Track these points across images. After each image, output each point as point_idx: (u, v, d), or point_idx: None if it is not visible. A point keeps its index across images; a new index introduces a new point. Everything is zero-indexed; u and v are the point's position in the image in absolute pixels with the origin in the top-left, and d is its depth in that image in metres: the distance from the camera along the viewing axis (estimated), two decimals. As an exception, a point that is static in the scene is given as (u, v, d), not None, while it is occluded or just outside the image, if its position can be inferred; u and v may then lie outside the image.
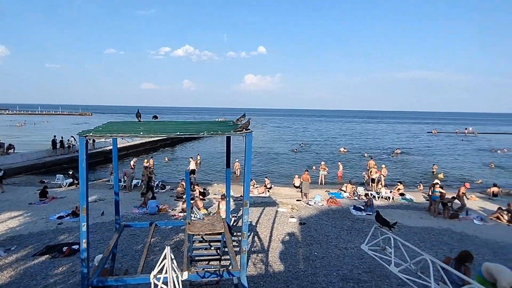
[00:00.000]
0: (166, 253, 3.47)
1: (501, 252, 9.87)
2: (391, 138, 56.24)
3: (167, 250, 3.50)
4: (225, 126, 5.27)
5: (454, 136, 60.05)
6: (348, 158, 32.25)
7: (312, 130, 72.19)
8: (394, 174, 24.34)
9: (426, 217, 13.62)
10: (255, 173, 23.66)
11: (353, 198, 16.75)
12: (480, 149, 40.86)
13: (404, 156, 34.28)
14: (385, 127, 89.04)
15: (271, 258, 9.05)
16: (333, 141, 48.28)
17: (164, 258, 3.51)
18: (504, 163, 30.66)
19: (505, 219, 12.84)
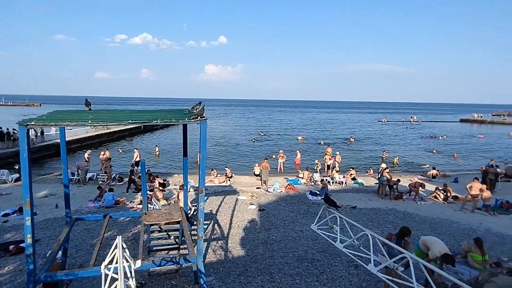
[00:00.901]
0: (117, 242, 3.37)
1: (436, 227, 10.85)
2: (346, 127, 58.71)
3: (118, 240, 3.41)
4: (180, 114, 5.17)
5: (401, 124, 64.17)
6: (306, 146, 33.20)
7: (273, 120, 73.00)
8: (348, 160, 25.53)
9: (374, 199, 14.53)
10: (216, 163, 23.57)
11: (309, 184, 17.35)
12: (423, 136, 44.10)
13: (357, 143, 36.03)
14: (341, 117, 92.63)
15: (231, 244, 9.14)
16: (292, 131, 49.27)
17: (116, 248, 3.41)
18: (443, 148, 33.39)
19: (441, 198, 14.10)
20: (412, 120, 69.56)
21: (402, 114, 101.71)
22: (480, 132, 49.10)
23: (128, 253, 3.62)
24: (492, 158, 20.81)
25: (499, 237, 9.97)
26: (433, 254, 6.39)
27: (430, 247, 6.50)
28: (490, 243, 9.47)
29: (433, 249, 6.40)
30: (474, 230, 10.58)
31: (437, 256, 6.34)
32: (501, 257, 8.42)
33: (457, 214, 12.28)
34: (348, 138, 37.97)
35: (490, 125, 62.38)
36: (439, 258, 6.36)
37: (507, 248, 9.16)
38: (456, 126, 61.61)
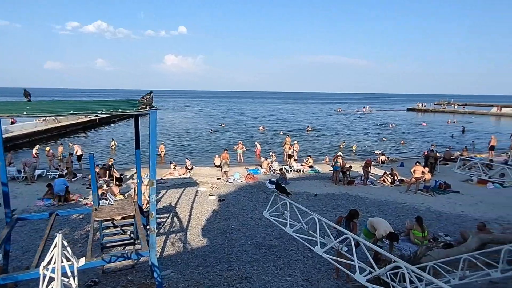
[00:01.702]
0: (56, 241, 3.11)
1: (384, 208, 11.54)
2: (305, 117, 60.04)
3: (58, 238, 3.15)
4: (127, 104, 4.89)
5: (355, 113, 67.11)
6: (267, 136, 33.53)
7: (235, 112, 72.45)
8: (306, 149, 26.22)
9: (329, 185, 15.09)
10: (176, 155, 23.00)
11: (269, 173, 17.56)
12: (374, 124, 46.49)
13: (314, 132, 37.08)
14: (301, 107, 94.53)
15: (190, 235, 9.01)
16: (254, 121, 49.37)
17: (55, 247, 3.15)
18: (391, 136, 35.44)
19: (389, 181, 15.01)
20: (364, 110, 72.97)
21: (356, 104, 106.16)
22: (423, 120, 52.70)
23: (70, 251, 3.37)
24: (432, 144, 22.50)
25: (437, 214, 10.85)
26: (379, 233, 6.78)
27: (376, 227, 6.88)
28: (429, 220, 10.29)
29: (379, 228, 6.78)
30: (416, 209, 11.40)
31: (383, 235, 6.73)
32: (438, 232, 9.19)
33: (402, 196, 13.16)
34: (306, 128, 38.85)
35: (432, 114, 67.22)
36: (384, 237, 6.76)
37: (443, 224, 10.01)
38: (404, 115, 65.71)
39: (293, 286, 6.48)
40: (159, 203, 11.69)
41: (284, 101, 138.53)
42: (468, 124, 43.75)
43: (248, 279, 6.73)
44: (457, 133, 35.86)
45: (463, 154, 20.10)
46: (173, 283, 6.67)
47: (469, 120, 51.28)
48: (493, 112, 63.44)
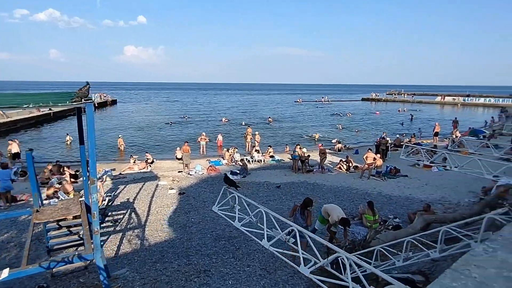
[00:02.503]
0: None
1: (340, 194, 11.85)
2: (268, 107, 60.28)
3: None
4: (60, 97, 4.37)
5: (314, 103, 68.68)
6: (229, 127, 33.19)
7: (199, 103, 70.78)
8: (268, 139, 26.34)
9: (289, 174, 15.23)
10: (136, 149, 21.98)
11: (231, 164, 17.36)
12: (332, 113, 47.83)
13: (276, 122, 37.34)
14: (264, 98, 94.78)
15: (148, 231, 8.60)
16: (217, 113, 48.60)
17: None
18: (348, 124, 36.68)
19: (344, 168, 15.47)
20: (323, 100, 74.88)
21: (316, 95, 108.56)
22: (377, 109, 55.32)
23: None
24: (383, 132, 23.60)
25: (387, 198, 11.35)
26: (332, 219, 6.89)
27: (330, 214, 7.00)
28: (381, 204, 10.73)
29: (332, 214, 6.90)
30: (369, 194, 11.84)
31: (336, 220, 6.85)
32: (388, 215, 9.60)
33: (356, 182, 13.62)
34: (267, 118, 38.96)
35: (385, 103, 70.65)
36: (337, 222, 6.89)
37: (393, 207, 10.49)
38: (359, 104, 68.40)
39: (251, 276, 6.40)
40: (116, 200, 11.06)
41: (248, 93, 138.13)
42: (416, 112, 46.51)
43: (206, 272, 6.54)
44: (406, 121, 37.98)
45: (411, 140, 21.32)
46: (128, 282, 6.30)
47: (417, 109, 54.55)
48: (438, 101, 68.15)
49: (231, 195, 4.88)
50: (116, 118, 39.63)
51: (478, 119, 39.42)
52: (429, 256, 4.12)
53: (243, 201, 4.65)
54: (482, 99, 63.76)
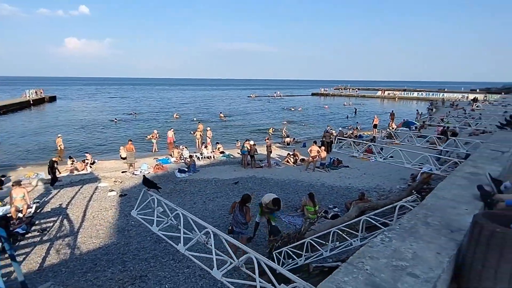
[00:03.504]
0: None
1: (286, 187, 12.05)
2: (222, 103, 59.65)
3: None
4: None
5: (267, 98, 69.57)
6: (180, 123, 32.20)
7: (151, 99, 67.42)
8: (221, 135, 26.07)
9: (238, 169, 15.16)
10: (76, 149, 20.28)
11: (180, 162, 16.80)
12: (284, 108, 48.74)
13: (230, 118, 37.09)
14: (218, 94, 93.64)
15: (81, 239, 7.92)
16: (170, 109, 46.80)
17: None
18: (299, 118, 37.63)
19: (292, 161, 15.81)
20: (275, 95, 76.11)
21: (269, 89, 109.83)
22: (325, 103, 57.62)
23: None
24: (328, 125, 24.60)
25: (329, 189, 11.79)
26: (264, 201, 7.19)
27: (264, 199, 7.20)
28: (323, 194, 11.12)
29: (265, 199, 7.13)
30: (313, 185, 12.20)
31: (267, 202, 7.10)
32: (328, 205, 9.96)
33: (302, 174, 13.97)
34: (219, 114, 38.51)
35: (333, 98, 73.81)
36: (270, 205, 7.10)
37: (334, 197, 10.92)
38: (309, 99, 70.70)
39: (190, 277, 6.20)
40: (47, 206, 10.05)
41: (204, 88, 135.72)
42: (360, 106, 49.24)
43: (142, 278, 6.19)
44: (351, 114, 40.04)
45: (353, 132, 22.50)
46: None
47: (361, 102, 57.87)
48: (379, 95, 73.00)
49: (150, 198, 4.59)
50: (54, 116, 36.20)
51: (413, 111, 42.90)
52: (352, 244, 4.27)
53: (163, 204, 4.39)
54: (416, 93, 69.56)
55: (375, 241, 2.32)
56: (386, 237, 2.38)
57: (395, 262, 2.05)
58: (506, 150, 5.51)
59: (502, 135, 7.32)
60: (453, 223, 2.60)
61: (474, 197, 3.22)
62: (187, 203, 10.57)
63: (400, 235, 2.40)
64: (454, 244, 2.26)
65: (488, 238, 1.95)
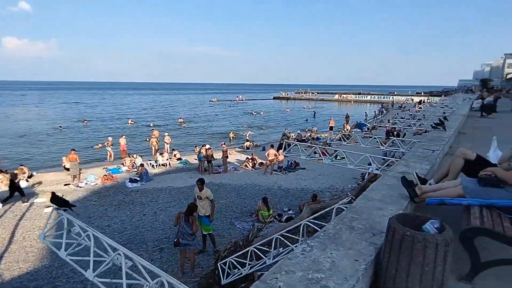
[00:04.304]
0: None
1: (243, 192, 11.88)
2: (181, 107, 58.26)
3: None
4: None
5: (229, 103, 69.34)
6: (136, 130, 30.83)
7: (105, 104, 64.06)
8: (181, 140, 25.34)
9: (195, 176, 14.65)
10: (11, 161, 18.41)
11: (132, 171, 15.96)
12: (246, 112, 48.78)
13: (188, 123, 36.25)
14: (177, 98, 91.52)
15: (5, 264, 7.06)
16: (125, 115, 44.49)
17: None
18: (259, 122, 37.79)
19: (250, 166, 15.70)
20: (238, 99, 76.12)
21: (231, 94, 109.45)
22: (287, 107, 58.59)
23: None
24: (286, 128, 24.96)
25: (285, 191, 11.82)
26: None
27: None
28: (279, 197, 11.12)
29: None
30: (270, 189, 12.16)
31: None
32: (283, 208, 9.94)
33: (260, 178, 13.89)
34: (178, 119, 37.53)
35: (294, 101, 75.56)
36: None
37: (289, 199, 10.95)
38: (271, 103, 71.60)
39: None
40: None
41: (164, 92, 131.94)
42: (318, 109, 50.85)
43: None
44: (310, 117, 41.11)
45: (311, 135, 23.02)
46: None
47: (320, 106, 59.80)
48: (336, 98, 76.01)
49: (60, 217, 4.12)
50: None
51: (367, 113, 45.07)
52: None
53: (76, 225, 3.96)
54: (369, 96, 73.52)
55: (296, 252, 2.19)
56: (308, 246, 2.27)
57: (311, 274, 1.93)
58: (436, 148, 5.83)
59: (435, 134, 7.80)
60: (376, 226, 2.56)
61: (401, 197, 3.25)
62: (136, 215, 9.97)
63: (322, 243, 2.30)
64: (373, 249, 2.20)
65: (400, 241, 1.91)
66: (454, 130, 8.71)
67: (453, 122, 10.53)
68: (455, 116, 12.78)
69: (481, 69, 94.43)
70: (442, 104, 23.89)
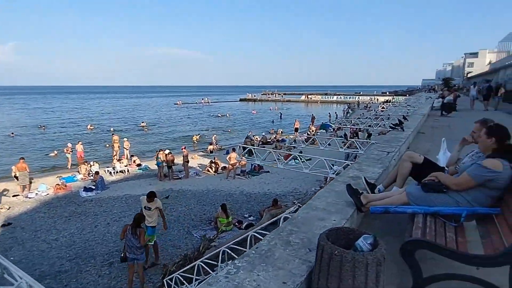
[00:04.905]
0: None
1: (203, 198, 11.47)
2: (145, 111, 56.23)
3: None
4: None
5: (195, 105, 68.07)
6: (95, 135, 29.18)
7: (65, 110, 59.80)
8: (143, 145, 24.32)
9: (154, 182, 14.09)
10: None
11: (88, 179, 14.95)
12: (212, 115, 47.98)
13: (152, 127, 34.98)
14: (141, 101, 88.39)
15: None
16: (86, 120, 41.93)
17: None
18: (225, 124, 37.12)
19: (213, 170, 15.30)
20: (204, 102, 74.93)
21: (197, 96, 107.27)
22: (253, 108, 58.55)
23: None
24: (250, 130, 24.76)
25: (247, 196, 11.59)
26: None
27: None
28: (240, 203, 10.87)
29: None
30: (232, 194, 11.87)
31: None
32: (244, 214, 9.71)
33: (222, 183, 13.53)
34: (141, 123, 36.09)
35: (260, 103, 75.63)
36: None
37: (251, 204, 10.74)
38: (237, 105, 71.18)
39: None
40: None
41: (127, 96, 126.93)
42: (285, 110, 51.27)
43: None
44: (276, 119, 41.26)
45: (276, 137, 23.08)
46: None
47: (286, 107, 60.40)
48: (303, 99, 77.41)
49: None
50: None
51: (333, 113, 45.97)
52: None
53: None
54: (335, 97, 75.66)
55: (219, 276, 1.96)
56: (235, 267, 2.04)
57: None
58: (391, 150, 5.85)
59: (392, 135, 7.90)
60: (314, 240, 2.38)
61: (347, 204, 3.11)
62: (88, 227, 9.27)
63: (251, 262, 2.08)
64: (306, 268, 2.01)
65: (328, 261, 1.74)
66: (412, 130, 8.71)
67: (413, 122, 10.53)
68: (415, 116, 12.71)
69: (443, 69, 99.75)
70: (406, 103, 24.84)
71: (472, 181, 2.44)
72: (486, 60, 58.58)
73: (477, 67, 62.49)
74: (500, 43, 45.21)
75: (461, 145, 3.18)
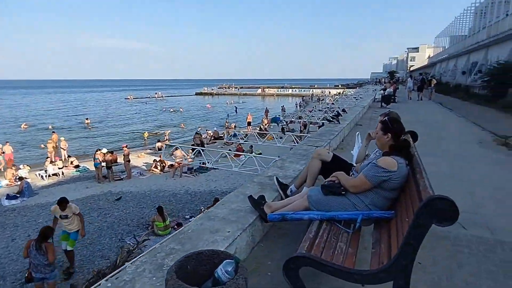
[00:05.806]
0: None
1: (144, 200, 10.75)
2: (90, 107, 52.39)
3: None
4: None
5: (146, 100, 64.97)
6: (30, 135, 26.44)
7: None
8: (83, 144, 22.46)
9: (92, 185, 12.98)
10: None
11: (15, 185, 13.35)
12: (164, 109, 45.99)
13: (98, 124, 32.60)
14: (90, 96, 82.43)
15: None
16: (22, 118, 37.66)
17: None
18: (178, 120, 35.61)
19: (159, 169, 14.49)
20: (157, 96, 71.80)
21: (150, 90, 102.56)
22: (209, 102, 57.29)
23: None
24: (199, 126, 24.05)
25: (192, 195, 11.08)
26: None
27: None
28: (184, 203, 10.35)
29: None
30: (176, 194, 11.28)
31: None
32: (185, 216, 9.21)
33: (167, 182, 12.83)
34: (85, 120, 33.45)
35: (217, 96, 74.32)
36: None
37: (195, 204, 10.26)
38: (192, 99, 69.22)
39: None
40: None
41: (76, 90, 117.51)
42: (240, 104, 50.79)
43: None
44: (232, 113, 40.68)
45: (228, 131, 22.66)
46: None
47: (242, 101, 59.95)
48: (259, 92, 77.56)
49: None
50: None
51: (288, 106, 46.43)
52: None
53: None
54: (291, 90, 76.87)
55: None
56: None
57: None
58: (320, 144, 5.72)
59: (327, 128, 7.90)
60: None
61: (252, 210, 2.80)
62: (3, 241, 8.18)
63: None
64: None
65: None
66: (348, 123, 8.75)
67: (352, 114, 10.67)
68: (355, 108, 12.82)
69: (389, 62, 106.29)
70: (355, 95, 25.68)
71: (367, 183, 2.24)
72: (426, 54, 63.24)
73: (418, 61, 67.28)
74: (436, 39, 48.81)
75: (367, 140, 3.02)
